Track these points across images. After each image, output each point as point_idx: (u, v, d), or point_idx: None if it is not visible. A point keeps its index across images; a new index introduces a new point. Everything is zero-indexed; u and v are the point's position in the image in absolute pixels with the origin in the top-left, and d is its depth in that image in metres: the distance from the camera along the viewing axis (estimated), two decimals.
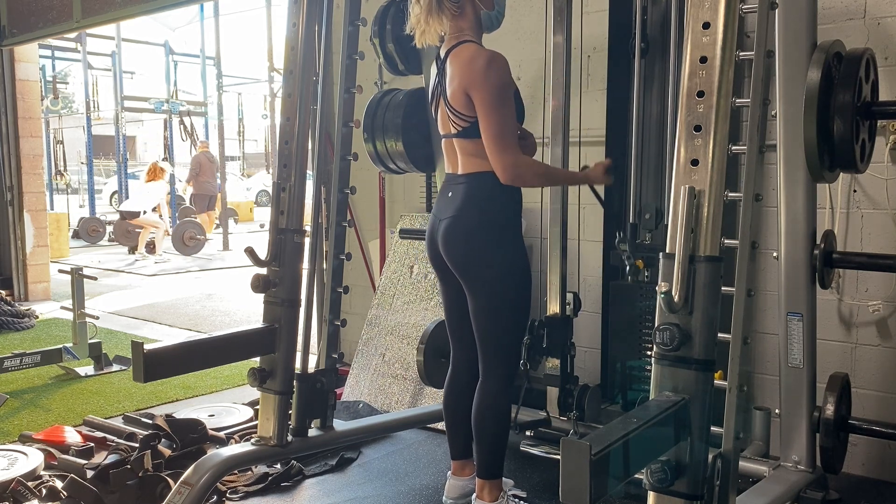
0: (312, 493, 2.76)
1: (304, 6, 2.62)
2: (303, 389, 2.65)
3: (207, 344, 2.66)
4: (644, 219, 2.97)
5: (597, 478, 1.30)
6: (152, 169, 10.49)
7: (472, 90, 2.22)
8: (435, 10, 2.28)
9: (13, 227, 6.65)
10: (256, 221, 15.96)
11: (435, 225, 2.41)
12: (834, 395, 2.31)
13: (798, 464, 2.35)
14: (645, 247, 2.97)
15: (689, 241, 1.57)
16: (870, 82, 2.25)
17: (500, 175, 2.23)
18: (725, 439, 1.66)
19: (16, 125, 6.57)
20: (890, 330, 2.74)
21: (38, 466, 2.81)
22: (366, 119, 3.02)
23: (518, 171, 2.22)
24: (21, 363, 4.22)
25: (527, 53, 3.50)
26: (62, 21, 5.84)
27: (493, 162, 2.22)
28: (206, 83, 14.15)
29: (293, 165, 2.61)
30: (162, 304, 7.00)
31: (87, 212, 13.97)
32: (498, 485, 2.41)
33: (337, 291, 2.82)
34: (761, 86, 1.76)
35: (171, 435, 2.94)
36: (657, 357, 1.61)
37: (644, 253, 2.98)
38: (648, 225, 2.95)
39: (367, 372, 3.72)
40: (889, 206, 2.71)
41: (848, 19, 2.73)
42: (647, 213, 2.94)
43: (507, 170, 2.21)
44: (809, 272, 2.31)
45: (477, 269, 2.33)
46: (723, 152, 1.61)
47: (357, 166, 2.91)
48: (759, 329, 2.95)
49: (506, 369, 2.40)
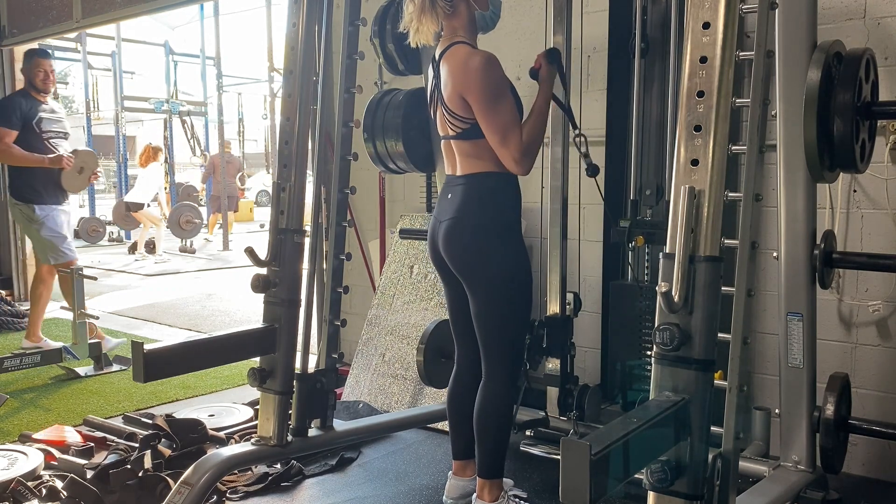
0: (312, 493, 2.76)
1: (304, 6, 2.62)
2: (303, 389, 2.64)
3: (207, 344, 2.66)
4: (645, 195, 3.02)
5: (597, 478, 1.30)
6: (146, 151, 10.43)
7: (466, 93, 2.22)
8: (428, 9, 2.28)
9: (13, 227, 6.65)
10: (256, 221, 15.96)
11: (436, 227, 2.41)
12: (834, 395, 2.31)
13: (798, 464, 2.35)
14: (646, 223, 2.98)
15: (689, 241, 1.57)
16: (870, 82, 2.25)
17: (512, 170, 2.25)
18: (725, 439, 1.66)
19: None
20: (890, 330, 2.74)
21: (38, 466, 2.80)
22: (366, 119, 3.02)
23: (526, 158, 2.23)
24: (21, 363, 4.22)
25: (527, 53, 3.50)
26: (62, 21, 5.84)
27: (503, 159, 2.24)
28: (206, 83, 14.15)
29: (293, 165, 2.61)
30: (162, 304, 7.00)
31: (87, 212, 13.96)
32: (498, 485, 2.41)
33: (337, 291, 2.82)
34: (761, 86, 1.76)
35: (171, 435, 2.94)
36: (657, 357, 1.61)
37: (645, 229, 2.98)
38: (649, 201, 3.01)
39: (367, 372, 3.72)
40: (889, 206, 2.71)
41: (848, 19, 2.73)
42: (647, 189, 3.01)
43: (517, 164, 2.22)
44: (809, 272, 2.31)
45: (478, 270, 2.33)
46: (723, 152, 1.61)
47: (357, 166, 2.91)
48: (759, 329, 2.95)
49: (508, 370, 2.40)
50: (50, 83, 4.71)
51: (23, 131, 4.54)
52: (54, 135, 4.68)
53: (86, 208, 14.90)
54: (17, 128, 4.52)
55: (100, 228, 12.63)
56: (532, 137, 2.26)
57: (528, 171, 2.26)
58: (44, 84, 4.65)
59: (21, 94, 4.72)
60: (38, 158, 4.55)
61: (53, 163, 4.57)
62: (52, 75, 4.72)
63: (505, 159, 2.24)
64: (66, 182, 4.69)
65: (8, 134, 4.49)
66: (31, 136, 4.56)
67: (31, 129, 4.57)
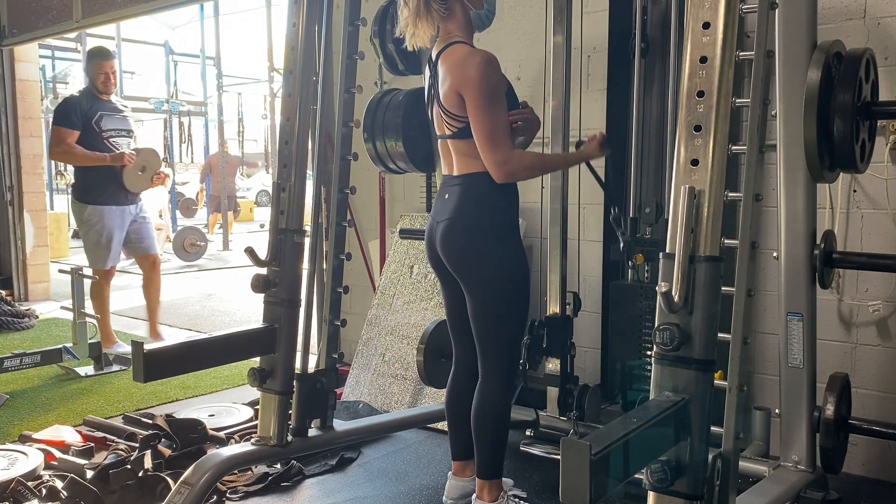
0: (312, 493, 2.76)
1: (304, 6, 2.62)
2: (303, 389, 2.64)
3: (207, 344, 2.66)
4: (644, 213, 2.98)
5: (597, 478, 1.30)
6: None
7: (463, 91, 2.21)
8: (423, 12, 2.28)
9: (13, 227, 6.65)
10: (256, 221, 15.96)
11: (433, 227, 2.41)
12: (834, 395, 2.31)
13: (798, 464, 2.35)
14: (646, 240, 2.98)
15: (689, 241, 1.57)
16: (870, 82, 2.25)
17: (492, 174, 2.24)
18: (725, 439, 1.66)
19: (16, 125, 6.57)
20: (890, 330, 2.74)
21: (38, 466, 2.80)
22: (366, 119, 3.02)
23: (509, 167, 2.22)
24: (21, 363, 4.21)
25: (527, 53, 3.50)
26: (62, 21, 5.84)
27: (486, 161, 2.23)
28: (206, 83, 14.14)
29: (293, 165, 2.61)
30: (162, 304, 6.97)
31: None
32: (498, 485, 2.41)
33: (337, 291, 2.82)
34: (761, 86, 1.76)
35: (171, 435, 2.94)
36: (657, 357, 1.61)
37: (644, 247, 2.98)
38: (648, 219, 2.97)
39: (367, 372, 3.71)
40: (889, 206, 2.71)
41: (848, 19, 2.73)
42: (647, 207, 2.97)
43: (499, 168, 2.21)
44: (809, 272, 2.31)
45: (475, 270, 2.33)
46: (723, 152, 1.61)
47: (357, 166, 2.91)
48: (759, 329, 2.95)
49: (505, 370, 2.40)
50: (110, 85, 4.65)
51: (83, 131, 4.49)
52: (115, 133, 4.62)
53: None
54: (78, 128, 4.47)
55: None
56: (525, 165, 2.29)
57: (507, 180, 2.25)
58: (104, 86, 4.61)
59: (84, 94, 4.68)
60: (99, 157, 4.50)
61: (114, 160, 4.50)
62: (112, 77, 4.67)
63: (486, 162, 2.23)
64: (128, 181, 4.59)
65: (69, 134, 4.46)
66: (91, 136, 4.51)
67: (92, 129, 4.51)
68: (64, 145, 4.47)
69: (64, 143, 4.46)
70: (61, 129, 4.48)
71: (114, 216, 4.58)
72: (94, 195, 4.55)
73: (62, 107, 4.62)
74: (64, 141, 4.46)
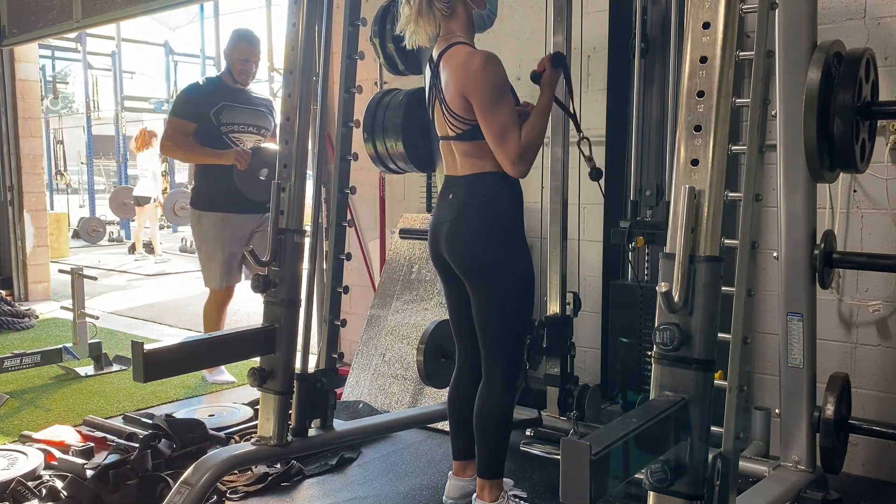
0: (312, 493, 2.76)
1: (304, 6, 2.62)
2: (303, 389, 2.64)
3: (207, 344, 2.66)
4: (644, 196, 3.00)
5: (597, 478, 1.30)
6: (141, 135, 10.05)
7: (469, 93, 2.21)
8: (425, 11, 2.27)
9: (13, 227, 6.65)
10: None
11: (437, 227, 2.40)
12: (834, 395, 2.31)
13: (798, 464, 2.35)
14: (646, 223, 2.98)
15: (689, 241, 1.57)
16: (870, 82, 2.25)
17: (509, 170, 2.24)
18: (725, 439, 1.66)
19: (16, 125, 6.58)
20: (890, 330, 2.74)
21: (38, 466, 2.80)
22: (366, 119, 3.02)
23: (523, 160, 2.22)
24: (21, 363, 4.22)
25: (527, 53, 3.50)
26: (62, 21, 5.84)
27: (501, 159, 2.23)
28: None
29: (293, 165, 2.62)
30: (162, 304, 7.00)
31: (87, 212, 13.97)
32: (498, 485, 2.41)
33: (337, 291, 2.82)
34: (761, 86, 1.76)
35: (171, 435, 2.94)
36: (657, 357, 1.61)
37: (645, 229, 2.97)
38: (649, 202, 2.99)
39: (367, 372, 3.72)
40: (889, 206, 2.71)
41: (848, 19, 2.73)
42: (647, 189, 3.00)
43: (514, 165, 2.21)
44: (809, 272, 2.31)
45: (480, 270, 2.32)
46: (723, 152, 1.61)
47: (357, 166, 2.91)
48: (759, 329, 2.95)
49: (509, 370, 2.40)
50: (248, 75, 3.94)
51: (200, 123, 3.81)
52: (238, 128, 3.88)
53: (86, 208, 14.92)
54: (193, 119, 3.81)
55: (100, 228, 12.64)
56: (531, 140, 2.24)
57: (524, 173, 2.25)
58: (240, 75, 3.91)
59: (211, 81, 4.10)
60: (208, 153, 3.81)
61: (221, 158, 3.76)
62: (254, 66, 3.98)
63: (502, 160, 2.23)
64: (242, 184, 3.77)
65: (181, 126, 3.82)
66: (208, 129, 3.82)
67: (209, 121, 3.81)
68: (166, 139, 3.93)
69: (170, 136, 3.88)
70: (171, 119, 3.94)
71: (226, 225, 3.88)
72: (204, 200, 3.91)
73: (179, 95, 4.14)
74: (171, 134, 3.87)
